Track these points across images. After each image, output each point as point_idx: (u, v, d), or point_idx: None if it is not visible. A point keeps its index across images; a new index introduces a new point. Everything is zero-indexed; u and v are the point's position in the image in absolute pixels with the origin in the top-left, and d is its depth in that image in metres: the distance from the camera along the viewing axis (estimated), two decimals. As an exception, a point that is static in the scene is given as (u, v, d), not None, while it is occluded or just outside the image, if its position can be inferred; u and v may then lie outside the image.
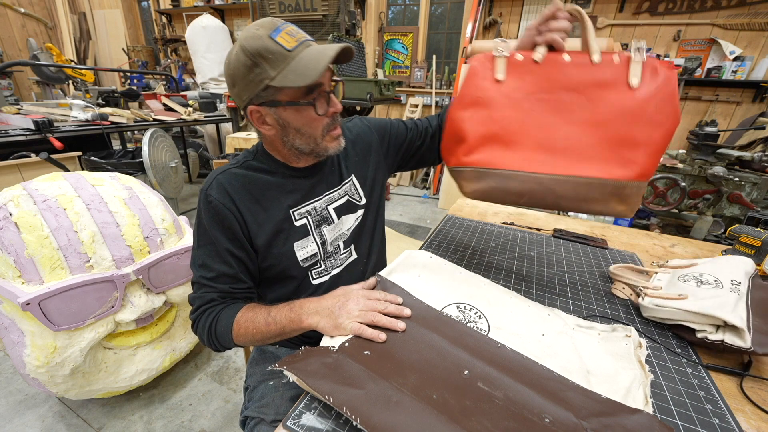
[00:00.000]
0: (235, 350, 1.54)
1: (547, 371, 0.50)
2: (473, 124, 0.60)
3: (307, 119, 0.60)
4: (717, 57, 3.01)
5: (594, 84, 0.54)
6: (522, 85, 0.58)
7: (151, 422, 1.21)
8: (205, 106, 3.27)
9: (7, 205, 0.98)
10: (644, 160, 0.53)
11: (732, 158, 1.55)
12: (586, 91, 0.55)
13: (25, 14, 5.05)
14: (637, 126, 0.52)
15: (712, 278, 0.65)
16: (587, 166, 0.55)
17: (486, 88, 0.59)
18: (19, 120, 2.01)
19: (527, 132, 0.58)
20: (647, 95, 0.52)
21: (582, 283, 0.79)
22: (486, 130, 0.60)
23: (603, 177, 0.55)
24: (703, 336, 0.57)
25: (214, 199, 0.62)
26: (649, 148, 0.52)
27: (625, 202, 0.56)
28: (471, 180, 0.62)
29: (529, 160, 0.57)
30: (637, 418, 0.42)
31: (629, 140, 0.53)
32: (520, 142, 0.58)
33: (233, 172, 0.65)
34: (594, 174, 0.55)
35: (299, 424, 0.42)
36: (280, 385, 0.68)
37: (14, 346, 1.00)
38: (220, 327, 0.61)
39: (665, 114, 0.51)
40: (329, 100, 0.61)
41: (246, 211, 0.64)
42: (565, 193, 0.57)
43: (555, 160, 0.56)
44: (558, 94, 0.56)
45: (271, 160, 0.68)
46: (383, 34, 4.23)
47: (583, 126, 0.55)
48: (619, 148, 0.54)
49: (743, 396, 0.51)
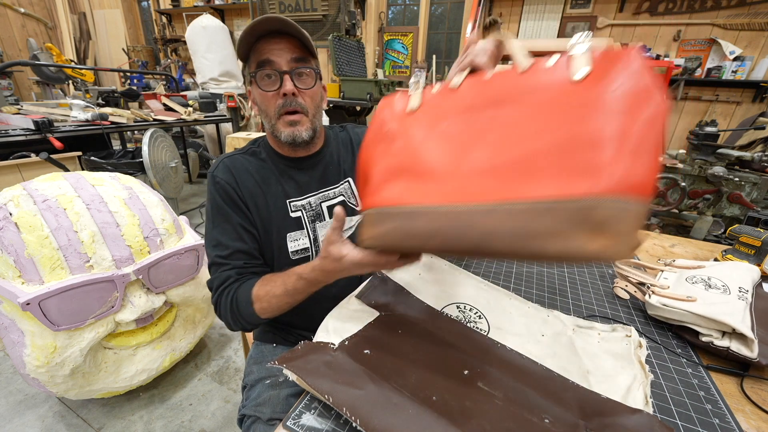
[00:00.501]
0: (235, 350, 1.54)
1: (547, 371, 0.50)
2: (378, 159, 0.50)
3: (261, 96, 0.64)
4: (717, 57, 3.02)
5: (527, 90, 0.40)
6: (438, 112, 0.46)
7: (151, 422, 1.21)
8: (205, 106, 3.27)
9: (7, 205, 0.98)
10: (619, 161, 0.33)
11: (732, 158, 1.55)
12: (519, 99, 0.40)
13: (25, 14, 5.05)
14: (595, 118, 0.34)
15: (720, 283, 0.65)
16: (527, 185, 0.37)
17: (394, 120, 0.50)
18: (19, 120, 2.01)
19: (442, 158, 0.43)
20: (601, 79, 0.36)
21: (582, 283, 0.79)
22: (391, 163, 0.47)
23: (553, 196, 0.34)
24: (709, 341, 0.57)
25: (221, 179, 0.67)
26: (622, 143, 0.33)
27: (603, 232, 0.32)
28: (369, 225, 0.47)
29: (442, 190, 0.42)
30: (637, 418, 0.42)
31: (587, 138, 0.34)
32: (433, 172, 0.43)
33: (238, 157, 0.70)
34: (539, 194, 0.35)
35: (299, 424, 0.42)
36: (277, 383, 0.69)
37: (14, 346, 1.00)
38: (241, 302, 0.61)
39: (637, 93, 0.33)
40: (282, 80, 0.62)
41: (247, 194, 0.67)
42: (496, 229, 0.37)
43: (479, 185, 0.39)
44: (482, 111, 0.42)
45: (270, 149, 0.72)
46: (383, 34, 4.23)
47: (519, 137, 0.39)
48: (574, 151, 0.35)
49: (743, 396, 0.51)
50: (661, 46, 3.19)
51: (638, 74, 0.34)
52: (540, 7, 3.47)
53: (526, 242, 0.35)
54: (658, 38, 3.17)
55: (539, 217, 0.34)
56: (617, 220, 0.32)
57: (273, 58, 0.61)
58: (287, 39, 0.62)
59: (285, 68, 0.62)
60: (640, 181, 0.32)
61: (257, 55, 0.62)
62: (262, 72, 0.62)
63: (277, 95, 0.63)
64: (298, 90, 0.64)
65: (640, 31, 3.22)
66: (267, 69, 0.62)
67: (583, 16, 3.37)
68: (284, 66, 0.62)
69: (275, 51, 0.61)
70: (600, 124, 0.33)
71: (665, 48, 3.18)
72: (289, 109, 0.64)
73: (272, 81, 0.63)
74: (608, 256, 0.33)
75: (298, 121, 0.65)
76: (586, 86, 0.35)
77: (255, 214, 0.68)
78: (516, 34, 3.63)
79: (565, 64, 0.37)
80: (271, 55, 0.61)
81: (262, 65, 0.62)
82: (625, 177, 0.32)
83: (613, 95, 0.34)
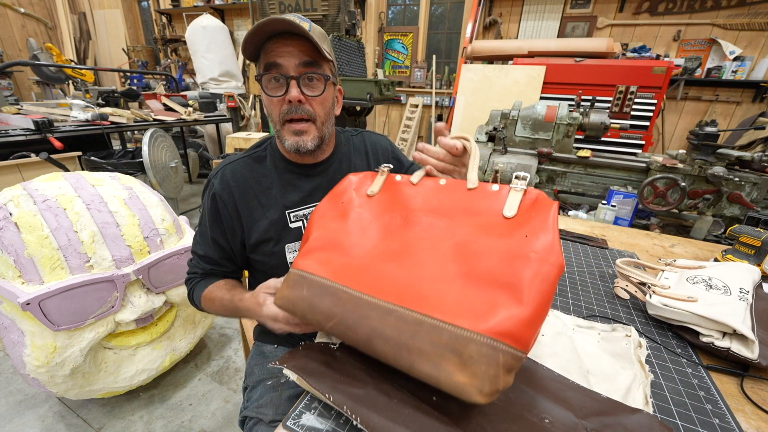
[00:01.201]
0: (235, 350, 1.54)
1: (547, 371, 0.50)
2: (323, 224, 0.52)
3: (267, 99, 0.62)
4: (717, 57, 3.02)
5: (467, 211, 0.45)
6: (389, 204, 0.51)
7: (151, 422, 1.21)
8: (205, 106, 3.27)
9: (7, 205, 0.98)
10: (507, 309, 0.36)
11: (732, 158, 1.55)
12: (458, 218, 0.45)
13: (25, 14, 5.05)
14: (504, 261, 0.38)
15: (721, 283, 0.65)
16: (421, 298, 0.39)
17: (354, 196, 0.54)
18: (19, 120, 2.01)
19: (372, 250, 0.47)
20: (520, 225, 0.41)
21: (582, 282, 0.79)
22: (331, 236, 0.50)
23: (437, 316, 0.37)
24: (710, 341, 0.57)
25: (215, 189, 0.67)
26: (516, 293, 0.36)
27: (468, 368, 0.34)
28: (288, 284, 0.48)
29: (358, 277, 0.44)
30: (637, 417, 0.42)
31: (491, 276, 0.38)
32: (359, 257, 0.46)
33: (240, 165, 0.69)
34: (427, 309, 0.38)
35: (299, 423, 0.42)
36: (279, 384, 0.68)
37: (14, 346, 1.00)
38: (196, 296, 0.71)
39: (542, 249, 0.38)
40: (288, 86, 0.59)
41: (243, 207, 0.67)
42: (384, 330, 0.39)
43: (390, 285, 0.42)
44: (424, 217, 0.47)
45: (277, 153, 0.70)
46: (383, 34, 4.23)
47: (442, 257, 0.42)
48: (475, 283, 0.39)
49: (743, 396, 0.51)
50: (661, 46, 3.19)
51: (549, 230, 0.39)
52: (540, 7, 3.47)
53: (405, 352, 0.37)
54: (658, 38, 3.17)
55: (422, 332, 0.37)
56: (485, 360, 0.34)
57: (280, 61, 0.58)
58: (298, 41, 0.58)
59: (292, 73, 0.58)
60: (513, 328, 0.35)
61: (266, 56, 0.59)
62: (268, 75, 0.59)
63: (283, 101, 0.60)
64: (305, 97, 0.60)
65: (639, 31, 3.22)
66: (273, 72, 0.58)
67: (583, 16, 3.37)
68: (291, 70, 0.58)
69: (283, 53, 0.58)
70: (505, 267, 0.38)
71: (665, 48, 3.18)
72: (294, 117, 0.61)
73: (279, 85, 0.59)
74: (469, 393, 0.34)
75: (304, 131, 0.61)
76: (509, 225, 0.42)
77: (248, 220, 0.67)
78: (516, 34, 3.63)
79: (505, 194, 0.45)
80: (279, 57, 0.58)
81: (269, 68, 0.59)
82: (506, 324, 0.35)
83: (523, 249, 0.39)
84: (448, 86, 4.05)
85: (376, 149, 0.78)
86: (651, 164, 1.66)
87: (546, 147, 1.83)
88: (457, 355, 0.35)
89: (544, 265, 0.37)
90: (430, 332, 0.37)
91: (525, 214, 0.42)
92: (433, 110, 4.04)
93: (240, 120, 3.67)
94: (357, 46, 2.68)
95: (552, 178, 1.87)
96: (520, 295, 0.36)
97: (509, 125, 1.91)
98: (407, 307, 0.39)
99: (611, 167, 1.76)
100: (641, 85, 2.37)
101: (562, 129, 1.80)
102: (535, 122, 1.84)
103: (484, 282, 0.38)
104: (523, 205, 0.43)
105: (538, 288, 0.36)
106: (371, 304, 0.41)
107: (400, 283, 0.42)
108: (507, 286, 0.37)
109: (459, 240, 0.43)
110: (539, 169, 1.84)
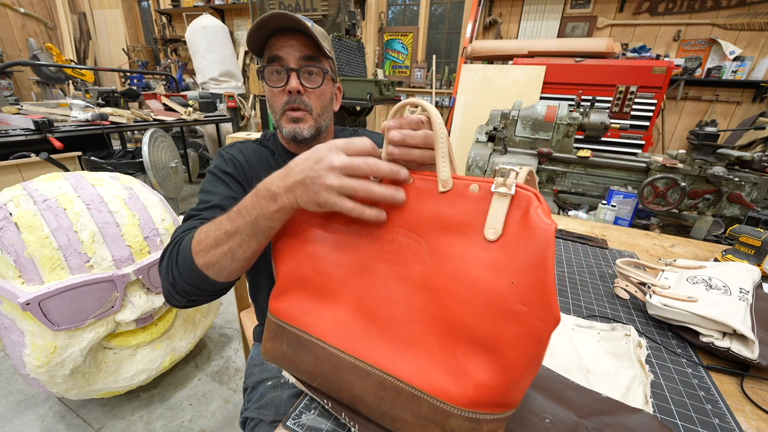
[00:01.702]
0: (235, 350, 1.54)
1: (547, 371, 0.50)
2: (288, 254, 0.42)
3: (269, 91, 0.65)
4: (717, 57, 3.02)
5: (437, 224, 0.34)
6: (351, 219, 0.38)
7: (151, 422, 1.20)
8: (205, 106, 3.27)
9: (7, 205, 0.98)
10: (489, 376, 0.31)
11: (732, 158, 1.55)
12: (425, 232, 0.35)
13: (25, 14, 5.05)
14: (485, 314, 0.30)
15: (721, 283, 0.65)
16: (402, 359, 0.34)
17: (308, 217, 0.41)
18: (19, 120, 2.01)
19: (340, 285, 0.39)
20: (506, 258, 0.30)
21: (582, 282, 0.79)
22: (297, 271, 0.41)
23: (414, 383, 0.33)
24: (710, 341, 0.57)
25: (228, 154, 0.68)
26: (499, 358, 0.30)
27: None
28: (269, 336, 0.43)
29: (336, 324, 0.38)
30: (637, 417, 0.42)
31: (470, 333, 0.31)
32: (335, 296, 0.39)
33: (251, 144, 0.72)
34: (406, 375, 0.34)
35: (299, 423, 0.42)
36: (279, 384, 0.68)
37: (14, 346, 1.00)
38: (182, 246, 0.48)
39: (532, 302, 0.29)
40: (288, 77, 0.63)
41: (253, 171, 0.68)
42: (365, 397, 0.36)
43: (366, 334, 0.36)
44: (394, 234, 0.36)
45: (278, 144, 0.74)
46: (383, 34, 4.23)
47: (409, 289, 0.35)
48: (453, 340, 0.32)
49: (743, 396, 0.51)
50: (661, 46, 3.19)
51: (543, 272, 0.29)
52: (540, 7, 3.47)
53: (386, 420, 0.35)
54: (658, 38, 3.17)
55: (402, 401, 0.34)
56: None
57: (282, 54, 0.62)
58: (300, 37, 0.62)
59: (293, 65, 0.63)
60: (501, 399, 0.31)
61: (269, 50, 0.63)
62: (271, 68, 0.63)
63: (284, 92, 0.64)
64: (304, 89, 0.64)
65: (639, 31, 3.22)
66: (276, 65, 0.63)
67: (583, 16, 3.37)
68: (292, 63, 0.63)
69: (285, 48, 0.62)
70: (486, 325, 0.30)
71: (665, 48, 3.18)
72: (293, 106, 0.65)
73: (280, 77, 0.64)
74: None
75: (301, 119, 0.66)
76: (493, 254, 0.31)
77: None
78: (516, 34, 3.63)
79: (487, 200, 0.31)
80: (281, 51, 0.62)
81: (272, 61, 0.63)
82: (487, 395, 0.31)
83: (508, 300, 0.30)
84: (448, 86, 4.05)
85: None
86: (651, 164, 1.66)
87: (546, 147, 1.83)
88: (440, 427, 0.32)
89: (533, 321, 0.29)
90: (410, 402, 0.33)
91: (513, 239, 0.30)
92: (433, 110, 4.04)
93: (240, 120, 3.67)
94: (357, 46, 2.68)
95: (552, 178, 1.88)
96: (503, 361, 0.30)
97: (509, 125, 1.91)
98: (382, 369, 0.35)
99: (611, 167, 1.76)
100: (641, 85, 2.36)
101: (562, 129, 1.80)
102: (535, 122, 1.84)
103: (462, 339, 0.32)
104: (511, 222, 0.30)
105: (525, 350, 0.30)
106: (349, 366, 0.37)
107: (372, 333, 0.36)
108: (488, 348, 0.31)
109: (432, 272, 0.34)
110: (539, 169, 1.84)
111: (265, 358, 0.44)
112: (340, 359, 0.37)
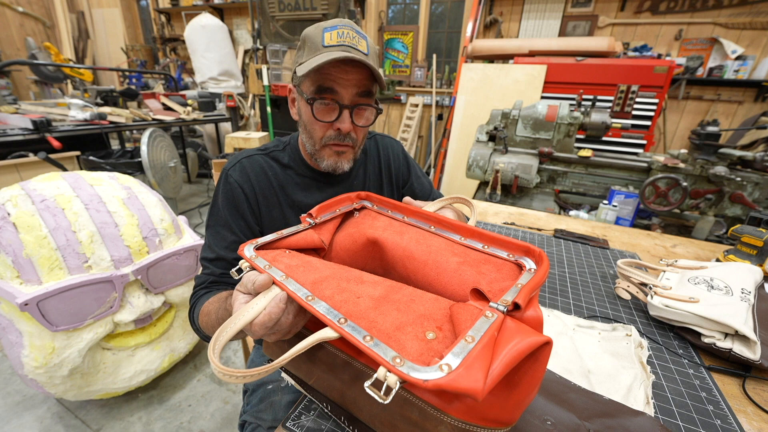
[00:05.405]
0: (235, 351, 1.54)
1: (548, 372, 0.49)
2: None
3: (310, 118, 0.61)
4: (719, 56, 3.01)
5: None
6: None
7: (150, 423, 1.20)
8: (204, 105, 3.27)
9: (5, 205, 0.98)
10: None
11: (734, 158, 1.54)
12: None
13: (24, 13, 5.03)
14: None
15: (723, 284, 0.65)
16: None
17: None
18: (17, 119, 2.00)
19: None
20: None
21: (583, 283, 0.79)
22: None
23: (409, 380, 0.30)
24: (711, 342, 0.57)
25: (233, 180, 0.64)
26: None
27: None
28: None
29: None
30: (639, 420, 0.42)
31: None
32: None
33: (258, 159, 0.67)
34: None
35: (299, 424, 0.42)
36: (279, 388, 0.68)
37: (12, 347, 1.00)
38: (196, 313, 0.59)
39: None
40: (340, 113, 0.59)
41: (262, 199, 0.66)
42: (356, 398, 0.36)
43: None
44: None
45: (298, 156, 0.70)
46: (383, 33, 4.22)
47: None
48: None
49: (745, 397, 0.50)
50: (662, 45, 3.18)
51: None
52: (541, 6, 3.46)
53: (376, 424, 0.35)
54: (660, 37, 3.16)
55: (394, 405, 0.33)
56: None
57: (337, 88, 0.57)
58: (358, 68, 0.57)
59: (347, 102, 0.58)
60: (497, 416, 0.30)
61: (322, 77, 0.57)
62: (322, 100, 0.58)
63: (330, 126, 0.60)
64: (354, 127, 0.60)
65: (641, 30, 3.21)
66: (328, 98, 0.58)
67: (584, 15, 3.36)
68: (347, 100, 0.58)
69: (342, 80, 0.56)
70: None
71: (667, 47, 3.17)
72: (339, 143, 0.62)
73: (330, 111, 0.59)
74: None
75: (344, 152, 0.63)
76: None
77: (266, 215, 0.66)
78: (517, 33, 3.62)
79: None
80: (336, 84, 0.57)
81: (323, 91, 0.57)
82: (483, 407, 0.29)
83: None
84: (449, 85, 4.04)
85: (387, 154, 0.78)
86: (652, 164, 1.65)
87: (547, 147, 1.82)
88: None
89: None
90: (401, 406, 0.32)
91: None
92: (434, 110, 4.03)
93: (239, 119, 3.67)
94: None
95: (553, 177, 1.87)
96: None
97: (510, 125, 1.90)
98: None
99: (612, 167, 1.75)
100: (642, 84, 2.36)
101: (563, 128, 1.80)
102: (535, 122, 1.84)
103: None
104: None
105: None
106: (342, 363, 0.36)
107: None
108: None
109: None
110: (540, 169, 1.83)
111: (266, 352, 0.45)
112: (337, 357, 0.37)
